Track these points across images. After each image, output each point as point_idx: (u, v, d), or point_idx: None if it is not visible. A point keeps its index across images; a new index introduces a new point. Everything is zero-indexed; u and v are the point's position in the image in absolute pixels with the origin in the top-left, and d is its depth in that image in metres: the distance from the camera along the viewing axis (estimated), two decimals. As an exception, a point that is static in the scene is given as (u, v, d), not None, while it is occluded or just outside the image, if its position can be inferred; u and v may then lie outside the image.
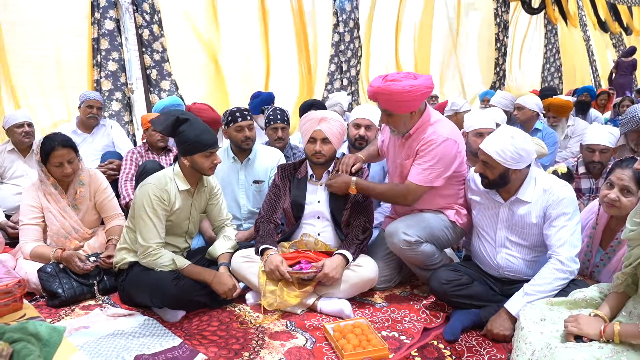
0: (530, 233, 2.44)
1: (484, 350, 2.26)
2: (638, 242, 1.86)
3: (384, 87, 2.52)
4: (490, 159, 2.35)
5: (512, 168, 2.35)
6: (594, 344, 1.79)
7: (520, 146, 2.31)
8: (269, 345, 2.32)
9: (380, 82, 2.55)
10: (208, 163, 2.63)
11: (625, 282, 1.94)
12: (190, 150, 2.60)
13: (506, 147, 2.31)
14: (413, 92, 2.49)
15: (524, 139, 2.35)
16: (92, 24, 4.96)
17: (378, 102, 2.64)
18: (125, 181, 3.73)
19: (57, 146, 2.85)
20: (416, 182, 2.65)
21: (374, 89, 2.56)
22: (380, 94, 2.55)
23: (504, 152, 2.31)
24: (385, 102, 2.58)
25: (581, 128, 5.06)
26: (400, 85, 2.49)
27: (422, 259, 2.67)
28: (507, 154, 2.31)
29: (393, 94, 2.50)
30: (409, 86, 2.48)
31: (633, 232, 1.86)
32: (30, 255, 2.87)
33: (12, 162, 3.93)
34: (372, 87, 2.58)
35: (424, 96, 2.56)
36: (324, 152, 2.82)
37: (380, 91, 2.53)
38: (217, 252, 2.83)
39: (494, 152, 2.33)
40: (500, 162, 2.33)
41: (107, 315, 2.58)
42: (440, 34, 8.75)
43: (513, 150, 2.30)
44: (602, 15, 11.94)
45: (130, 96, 5.31)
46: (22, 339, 1.74)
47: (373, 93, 2.57)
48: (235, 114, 3.29)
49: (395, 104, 2.56)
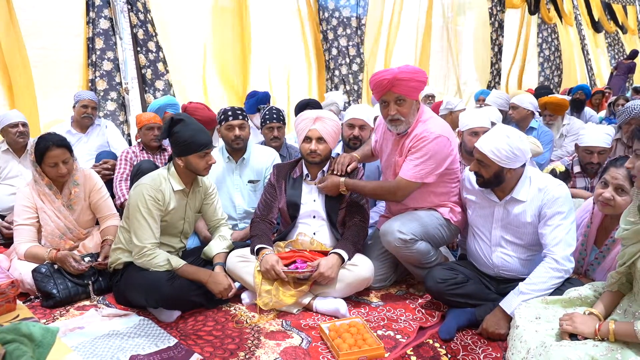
0: (525, 232, 2.44)
1: (479, 349, 2.27)
2: (632, 241, 1.87)
3: (403, 70, 2.59)
4: (486, 157, 2.36)
5: (507, 167, 2.35)
6: (589, 342, 1.80)
7: (516, 145, 2.32)
8: (265, 344, 2.31)
9: (392, 70, 2.61)
10: (203, 163, 2.63)
11: (620, 281, 1.95)
12: (184, 151, 2.60)
13: (501, 147, 2.31)
14: (421, 74, 2.64)
15: (519, 139, 2.35)
16: (87, 23, 4.95)
17: (391, 91, 2.63)
18: (120, 181, 3.71)
19: (52, 146, 2.83)
20: (407, 178, 2.66)
21: (393, 73, 2.58)
22: (398, 79, 2.57)
23: (499, 151, 2.31)
24: (403, 87, 2.60)
25: (577, 127, 5.09)
26: (412, 68, 2.64)
27: (417, 257, 2.67)
28: (502, 153, 2.31)
29: (411, 74, 2.59)
30: (417, 69, 2.66)
31: (627, 232, 1.87)
32: (25, 255, 2.86)
33: (6, 163, 3.91)
34: (388, 73, 2.60)
35: (425, 83, 2.67)
36: (319, 151, 2.82)
37: (400, 74, 2.57)
38: (213, 252, 2.82)
39: (489, 151, 2.34)
40: (495, 161, 2.33)
41: (102, 315, 2.57)
42: (436, 33, 8.76)
43: (508, 149, 2.31)
44: (596, 14, 11.98)
45: (125, 96, 5.29)
46: (15, 340, 1.72)
47: (392, 78, 2.58)
48: (228, 112, 3.29)
49: (411, 89, 2.61)
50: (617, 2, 12.51)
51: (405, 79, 2.59)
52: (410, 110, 2.67)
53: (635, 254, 1.85)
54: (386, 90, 2.63)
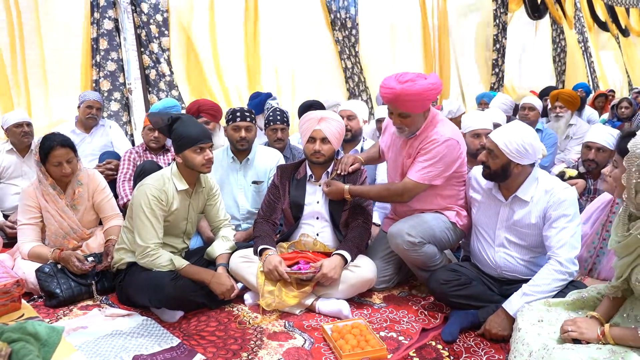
0: (529, 233, 2.44)
1: (482, 351, 2.27)
2: (624, 254, 1.85)
3: (406, 89, 2.52)
4: (496, 148, 2.37)
5: (515, 162, 2.37)
6: (592, 345, 1.80)
7: (528, 141, 2.34)
8: (267, 345, 2.32)
9: (396, 84, 2.54)
10: (199, 159, 2.62)
11: (622, 287, 1.94)
12: (181, 147, 2.62)
13: (514, 139, 2.34)
14: (433, 90, 2.55)
15: (534, 137, 2.39)
16: (92, 23, 4.96)
17: (394, 106, 2.61)
18: (123, 181, 3.72)
19: (56, 146, 2.84)
20: (414, 179, 2.66)
21: (395, 92, 2.53)
22: (402, 96, 2.53)
23: (511, 143, 2.34)
24: (405, 104, 2.57)
25: (583, 130, 5.05)
26: (420, 85, 2.52)
27: (424, 259, 2.67)
28: (513, 146, 2.33)
29: (414, 95, 2.52)
30: (429, 84, 2.54)
31: (619, 244, 1.84)
32: (29, 255, 2.87)
33: (10, 162, 3.92)
34: (391, 90, 2.55)
35: (438, 94, 2.61)
36: (323, 151, 2.82)
37: (403, 93, 2.52)
38: (216, 252, 2.83)
39: (501, 141, 2.36)
40: (505, 153, 2.35)
41: (106, 315, 2.57)
42: (440, 35, 8.74)
43: (520, 143, 2.33)
44: (602, 16, 11.97)
45: (128, 96, 5.30)
46: (21, 339, 1.74)
47: (394, 96, 2.54)
48: (236, 113, 3.30)
49: (415, 105, 2.58)
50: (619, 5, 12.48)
51: (408, 99, 2.55)
52: (415, 122, 2.66)
53: (629, 266, 1.83)
54: (390, 103, 2.63)
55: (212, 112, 4.06)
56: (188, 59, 5.71)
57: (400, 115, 2.63)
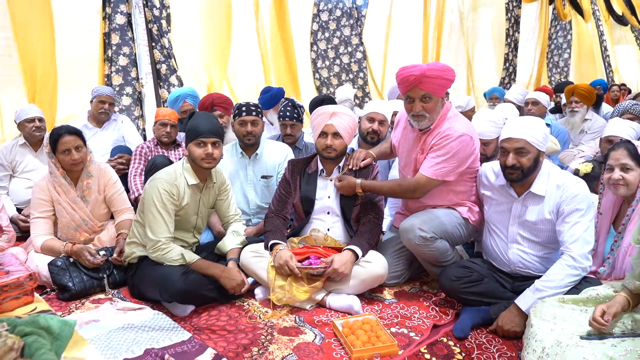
0: (542, 229, 2.41)
1: (494, 348, 2.25)
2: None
3: (432, 66, 2.56)
4: (526, 143, 2.35)
5: (542, 150, 2.38)
6: (607, 342, 1.78)
7: (542, 129, 2.38)
8: (278, 340, 2.32)
9: (422, 65, 2.58)
10: (199, 152, 2.62)
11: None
12: (187, 139, 2.66)
13: (536, 129, 2.36)
14: (452, 72, 2.61)
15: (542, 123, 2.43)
16: (104, 18, 4.98)
17: (418, 88, 2.58)
18: (135, 176, 3.74)
19: (64, 133, 2.90)
20: (427, 175, 2.63)
21: (421, 70, 2.54)
22: (428, 73, 2.54)
23: (535, 132, 2.35)
24: (430, 83, 2.56)
25: (598, 125, 4.96)
26: (441, 65, 2.60)
27: (436, 255, 2.65)
28: (539, 136, 2.36)
29: (440, 71, 2.55)
30: (447, 67, 2.61)
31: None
32: (41, 248, 2.90)
33: (23, 157, 3.95)
34: (417, 68, 2.55)
35: (453, 81, 2.63)
36: (335, 146, 2.81)
37: (429, 70, 2.54)
38: (226, 247, 2.83)
39: (527, 135, 2.35)
40: (534, 144, 2.35)
41: (117, 309, 2.59)
42: (450, 29, 8.66)
43: (541, 131, 2.37)
44: (619, 9, 11.77)
45: (140, 91, 5.32)
46: (33, 333, 1.74)
47: (420, 74, 2.54)
48: (242, 107, 3.31)
49: (438, 85, 2.58)
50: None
51: (433, 77, 2.55)
52: (436, 107, 2.64)
53: None
54: (412, 86, 2.59)
55: (225, 105, 4.07)
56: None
57: (423, 98, 2.60)
